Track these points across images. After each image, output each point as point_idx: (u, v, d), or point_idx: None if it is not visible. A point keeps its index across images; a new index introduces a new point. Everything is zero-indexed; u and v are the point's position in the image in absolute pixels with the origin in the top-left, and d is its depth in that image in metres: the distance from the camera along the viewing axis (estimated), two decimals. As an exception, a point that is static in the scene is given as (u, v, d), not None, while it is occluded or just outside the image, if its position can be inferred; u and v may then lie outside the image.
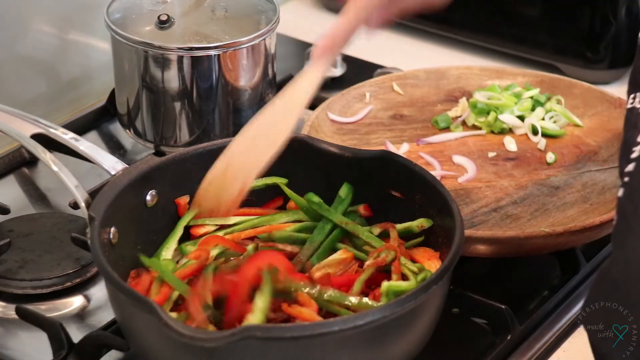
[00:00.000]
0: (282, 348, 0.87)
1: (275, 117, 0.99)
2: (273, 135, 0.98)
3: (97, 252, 0.94)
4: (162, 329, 0.85)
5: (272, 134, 0.98)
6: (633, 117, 0.87)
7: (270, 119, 0.99)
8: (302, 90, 0.99)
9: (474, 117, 1.32)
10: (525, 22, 1.52)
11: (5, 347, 1.07)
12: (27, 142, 1.10)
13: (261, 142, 0.98)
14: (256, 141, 0.98)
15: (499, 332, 1.05)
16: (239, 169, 0.98)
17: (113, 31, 1.27)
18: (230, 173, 0.98)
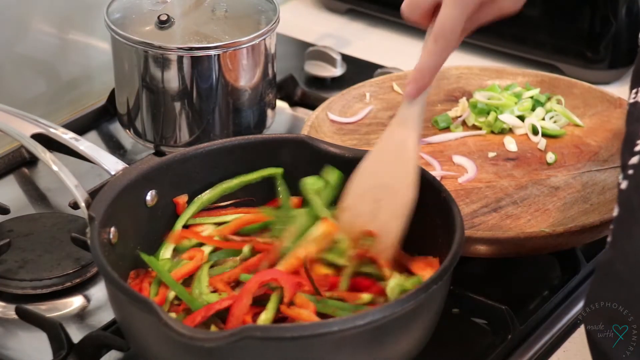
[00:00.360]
0: (282, 348, 0.87)
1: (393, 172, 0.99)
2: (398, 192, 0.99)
3: (97, 252, 0.93)
4: (162, 329, 0.85)
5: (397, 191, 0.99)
6: (637, 111, 0.87)
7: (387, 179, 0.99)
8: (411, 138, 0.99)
9: (474, 117, 1.32)
10: (525, 22, 1.52)
11: (5, 347, 1.07)
12: (27, 142, 1.10)
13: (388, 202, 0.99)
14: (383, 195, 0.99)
15: (499, 332, 1.05)
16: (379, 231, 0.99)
17: (113, 31, 1.27)
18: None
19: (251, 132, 1.30)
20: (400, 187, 0.99)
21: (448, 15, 0.94)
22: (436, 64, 0.96)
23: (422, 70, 0.97)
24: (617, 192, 0.82)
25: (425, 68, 0.97)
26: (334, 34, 1.62)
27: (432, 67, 0.96)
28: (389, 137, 1.01)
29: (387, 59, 1.52)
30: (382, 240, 0.99)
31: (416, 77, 0.98)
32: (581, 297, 1.12)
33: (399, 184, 0.99)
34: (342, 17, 1.68)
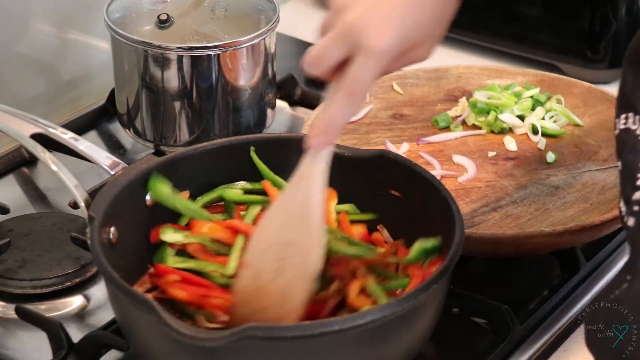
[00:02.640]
0: (283, 348, 0.87)
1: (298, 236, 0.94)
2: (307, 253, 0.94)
3: (97, 252, 0.93)
4: (163, 329, 0.85)
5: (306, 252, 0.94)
6: (630, 139, 0.85)
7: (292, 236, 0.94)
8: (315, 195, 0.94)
9: (474, 116, 1.32)
10: (525, 22, 1.52)
11: (5, 347, 1.07)
12: (27, 142, 1.10)
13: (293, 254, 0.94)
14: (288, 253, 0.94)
15: (499, 332, 1.05)
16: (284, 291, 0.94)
17: (113, 31, 1.27)
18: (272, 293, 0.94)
19: (251, 132, 1.30)
20: (305, 245, 0.94)
21: (362, 72, 0.89)
22: (346, 119, 0.91)
23: (331, 125, 0.91)
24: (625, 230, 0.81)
25: (334, 122, 0.91)
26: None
27: (342, 122, 0.91)
28: (293, 193, 0.95)
29: (387, 58, 1.51)
30: (286, 302, 0.94)
31: (324, 131, 0.92)
32: (581, 296, 1.12)
33: (304, 242, 0.94)
34: (342, 17, 1.67)
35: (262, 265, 0.95)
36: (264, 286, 0.94)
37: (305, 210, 0.93)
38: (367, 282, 0.97)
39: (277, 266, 0.94)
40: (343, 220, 1.05)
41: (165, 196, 1.03)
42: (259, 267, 0.95)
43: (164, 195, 1.03)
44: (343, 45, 0.91)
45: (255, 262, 0.95)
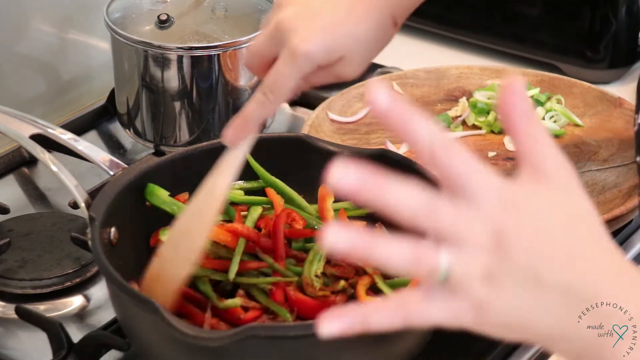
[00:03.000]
0: (286, 347, 0.87)
1: (194, 217, 0.94)
2: (193, 237, 0.94)
3: (98, 252, 0.93)
4: (166, 329, 0.85)
5: (192, 235, 0.94)
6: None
7: (189, 219, 0.95)
8: (219, 184, 0.94)
9: (474, 116, 1.32)
10: (525, 22, 1.52)
11: (5, 347, 1.07)
12: (26, 143, 1.10)
13: (183, 246, 0.95)
14: (178, 245, 0.95)
15: (499, 331, 1.05)
16: (169, 277, 0.95)
17: (113, 31, 1.27)
18: (163, 280, 0.95)
19: (251, 132, 1.30)
20: (195, 232, 0.94)
21: (281, 72, 0.90)
22: (262, 115, 0.92)
23: (246, 119, 0.93)
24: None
25: (249, 117, 0.93)
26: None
27: (257, 118, 0.93)
28: (204, 184, 0.96)
29: (387, 58, 1.51)
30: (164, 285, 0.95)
31: (239, 125, 0.93)
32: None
33: (196, 229, 0.94)
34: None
35: (164, 255, 0.96)
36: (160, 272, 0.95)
37: (207, 199, 0.94)
38: (375, 279, 0.98)
39: (173, 253, 0.95)
40: (342, 217, 1.06)
41: (164, 202, 1.03)
42: (163, 256, 0.96)
43: (162, 202, 1.03)
44: (272, 43, 0.92)
45: (161, 252, 0.96)
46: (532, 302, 0.68)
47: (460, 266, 0.67)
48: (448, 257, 0.67)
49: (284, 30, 0.92)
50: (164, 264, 0.95)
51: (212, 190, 0.94)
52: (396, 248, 0.67)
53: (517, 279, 0.67)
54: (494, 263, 0.67)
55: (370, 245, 0.67)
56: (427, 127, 0.68)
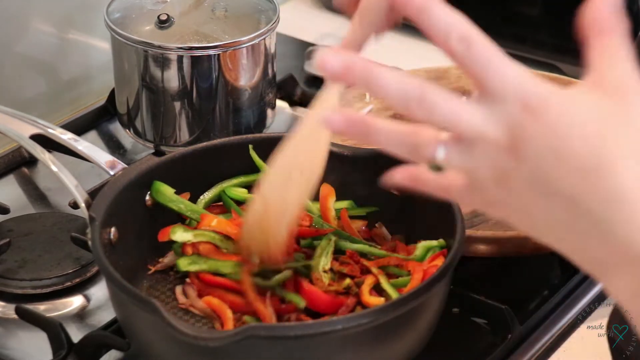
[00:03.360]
0: (286, 347, 0.87)
1: (304, 146, 0.94)
2: (308, 165, 0.94)
3: (98, 253, 0.94)
4: (166, 329, 0.85)
5: (306, 164, 0.94)
6: None
7: (298, 149, 0.94)
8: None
9: (474, 116, 1.32)
10: (525, 22, 1.52)
11: (5, 347, 1.07)
12: (26, 143, 1.10)
13: (296, 175, 0.94)
14: (291, 175, 0.94)
15: (499, 332, 1.05)
16: (280, 208, 0.95)
17: (113, 31, 1.27)
18: (271, 214, 0.95)
19: (251, 132, 1.30)
20: (310, 165, 0.95)
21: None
22: (360, 42, 0.94)
23: (345, 47, 0.93)
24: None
25: (348, 45, 0.93)
26: (334, 34, 1.62)
27: (355, 45, 0.94)
28: (307, 119, 0.95)
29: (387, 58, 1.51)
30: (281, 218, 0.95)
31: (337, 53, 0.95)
32: (581, 296, 1.12)
33: (309, 163, 0.95)
34: (342, 17, 1.67)
35: (271, 194, 0.95)
36: (268, 210, 0.95)
37: (314, 134, 0.94)
38: (380, 279, 0.99)
39: (282, 190, 0.95)
40: (344, 217, 1.06)
41: (170, 200, 1.04)
42: (269, 195, 0.95)
43: (169, 200, 1.04)
44: None
45: (265, 191, 0.96)
46: (541, 209, 0.67)
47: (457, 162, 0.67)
48: (445, 152, 0.68)
49: None
50: (275, 196, 0.95)
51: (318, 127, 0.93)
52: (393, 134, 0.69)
53: (530, 184, 0.66)
54: (508, 166, 0.66)
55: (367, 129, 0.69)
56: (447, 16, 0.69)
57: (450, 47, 0.68)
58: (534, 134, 0.66)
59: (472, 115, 0.67)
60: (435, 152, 0.68)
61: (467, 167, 0.68)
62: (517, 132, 0.66)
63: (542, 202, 0.66)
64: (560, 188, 0.65)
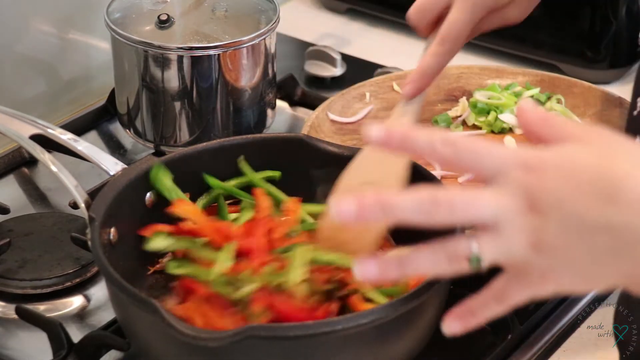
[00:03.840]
0: (286, 347, 0.87)
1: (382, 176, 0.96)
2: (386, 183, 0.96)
3: (98, 253, 0.94)
4: (165, 329, 0.85)
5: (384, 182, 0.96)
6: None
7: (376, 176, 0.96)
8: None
9: (474, 116, 1.32)
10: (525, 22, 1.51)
11: (5, 347, 1.07)
12: (26, 143, 1.10)
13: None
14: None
15: (499, 332, 1.05)
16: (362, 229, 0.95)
17: (113, 31, 1.27)
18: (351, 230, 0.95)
19: (251, 132, 1.30)
20: (388, 183, 0.96)
21: (457, 20, 0.93)
22: (439, 66, 0.96)
23: (424, 71, 0.96)
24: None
25: (427, 69, 0.96)
26: (334, 34, 1.62)
27: (434, 69, 0.96)
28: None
29: (387, 58, 1.52)
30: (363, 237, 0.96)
31: (416, 78, 0.96)
32: (581, 296, 1.12)
33: (387, 180, 0.96)
34: (342, 17, 1.68)
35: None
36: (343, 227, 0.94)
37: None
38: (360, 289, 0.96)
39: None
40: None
41: (166, 188, 1.03)
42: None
43: (164, 187, 1.03)
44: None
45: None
46: (586, 249, 0.68)
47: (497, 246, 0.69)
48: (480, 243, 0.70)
49: None
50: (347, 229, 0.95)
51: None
52: (425, 256, 0.71)
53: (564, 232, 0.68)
54: (537, 226, 0.68)
55: (400, 265, 0.71)
56: (423, 134, 0.71)
57: (440, 155, 0.71)
58: (546, 185, 0.67)
59: (486, 201, 0.69)
60: (470, 249, 0.70)
61: (504, 250, 0.69)
62: (530, 192, 0.68)
63: (584, 242, 0.68)
64: (593, 220, 0.67)
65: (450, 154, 0.70)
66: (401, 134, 0.71)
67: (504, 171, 0.69)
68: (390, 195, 0.70)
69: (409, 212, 0.70)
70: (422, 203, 0.70)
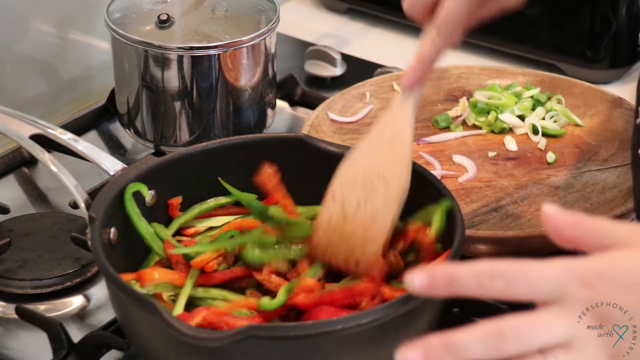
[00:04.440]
0: (286, 347, 0.86)
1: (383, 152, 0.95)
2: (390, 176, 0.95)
3: (98, 253, 0.93)
4: (165, 329, 0.85)
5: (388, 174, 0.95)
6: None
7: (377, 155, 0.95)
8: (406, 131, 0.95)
9: (474, 116, 1.32)
10: (526, 22, 1.52)
11: (5, 347, 1.07)
12: (26, 143, 1.10)
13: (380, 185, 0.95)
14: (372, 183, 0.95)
15: (499, 331, 1.05)
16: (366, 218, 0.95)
17: (113, 31, 1.27)
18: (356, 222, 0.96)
19: (251, 132, 1.30)
20: (393, 175, 0.96)
21: (452, 6, 0.92)
22: (437, 54, 0.94)
23: (422, 59, 0.94)
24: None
25: (426, 57, 0.94)
26: (334, 34, 1.62)
27: (433, 57, 0.93)
28: (383, 127, 0.97)
29: (387, 58, 1.52)
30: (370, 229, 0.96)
31: (415, 66, 0.94)
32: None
33: (391, 172, 0.96)
34: (342, 17, 1.68)
35: (348, 197, 0.97)
36: (349, 216, 0.96)
37: (395, 142, 0.95)
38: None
39: (362, 197, 0.96)
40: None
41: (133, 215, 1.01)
42: (346, 198, 0.97)
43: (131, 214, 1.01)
44: None
45: (342, 194, 0.97)
46: None
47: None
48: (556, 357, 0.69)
49: None
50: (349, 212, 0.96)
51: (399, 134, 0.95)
52: None
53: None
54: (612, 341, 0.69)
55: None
56: (468, 271, 0.70)
57: (491, 290, 0.70)
58: (612, 297, 0.68)
59: (554, 325, 0.69)
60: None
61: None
62: (597, 310, 0.69)
63: None
64: None
65: (502, 288, 0.70)
66: (446, 276, 0.70)
67: (563, 290, 0.69)
68: (456, 336, 0.69)
69: (477, 351, 0.69)
70: (489, 339, 0.69)
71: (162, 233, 1.03)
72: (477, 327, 0.69)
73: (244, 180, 1.08)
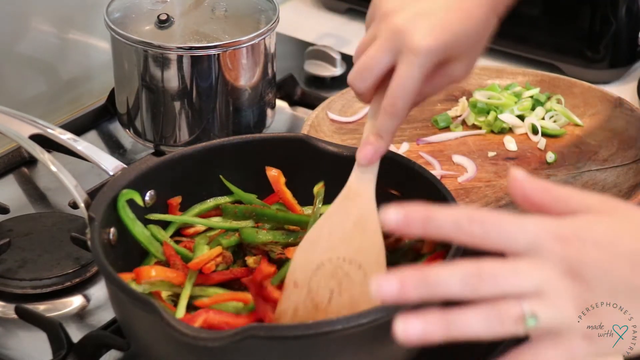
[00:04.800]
0: (286, 347, 0.86)
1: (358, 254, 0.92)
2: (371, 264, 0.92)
3: (98, 253, 0.93)
4: (165, 329, 0.85)
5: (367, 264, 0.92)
6: None
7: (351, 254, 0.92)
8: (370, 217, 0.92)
9: (473, 116, 1.32)
10: (526, 22, 1.52)
11: (4, 347, 1.07)
12: (26, 143, 1.10)
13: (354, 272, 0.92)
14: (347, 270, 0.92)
15: (499, 331, 1.05)
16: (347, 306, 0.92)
17: (113, 31, 1.27)
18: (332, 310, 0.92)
19: (251, 132, 1.30)
20: (369, 262, 0.92)
21: (405, 75, 0.89)
22: (393, 126, 0.92)
23: (380, 134, 0.92)
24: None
25: (383, 131, 0.91)
26: (334, 34, 1.62)
27: (390, 130, 0.92)
28: (345, 208, 0.94)
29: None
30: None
31: (373, 141, 0.92)
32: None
33: (367, 259, 0.92)
34: (341, 17, 1.68)
35: (316, 284, 0.93)
36: (323, 305, 0.93)
37: (364, 227, 0.93)
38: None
39: (335, 284, 0.93)
40: None
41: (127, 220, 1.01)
42: (314, 285, 0.93)
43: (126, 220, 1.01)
44: (390, 50, 0.91)
45: (307, 281, 0.93)
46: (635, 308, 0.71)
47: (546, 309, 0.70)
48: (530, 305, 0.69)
49: (403, 32, 0.90)
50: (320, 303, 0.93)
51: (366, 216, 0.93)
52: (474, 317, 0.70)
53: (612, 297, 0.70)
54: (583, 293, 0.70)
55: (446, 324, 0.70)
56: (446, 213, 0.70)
57: (468, 234, 0.70)
58: (586, 257, 0.70)
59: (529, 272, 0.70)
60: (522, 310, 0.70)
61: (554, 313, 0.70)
62: (571, 263, 0.70)
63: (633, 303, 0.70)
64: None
65: (478, 233, 0.70)
66: (422, 214, 0.70)
67: (539, 245, 0.70)
68: (434, 271, 0.69)
69: (454, 288, 0.69)
70: (467, 278, 0.69)
71: (159, 235, 1.02)
72: (456, 266, 0.70)
73: (243, 180, 1.08)
